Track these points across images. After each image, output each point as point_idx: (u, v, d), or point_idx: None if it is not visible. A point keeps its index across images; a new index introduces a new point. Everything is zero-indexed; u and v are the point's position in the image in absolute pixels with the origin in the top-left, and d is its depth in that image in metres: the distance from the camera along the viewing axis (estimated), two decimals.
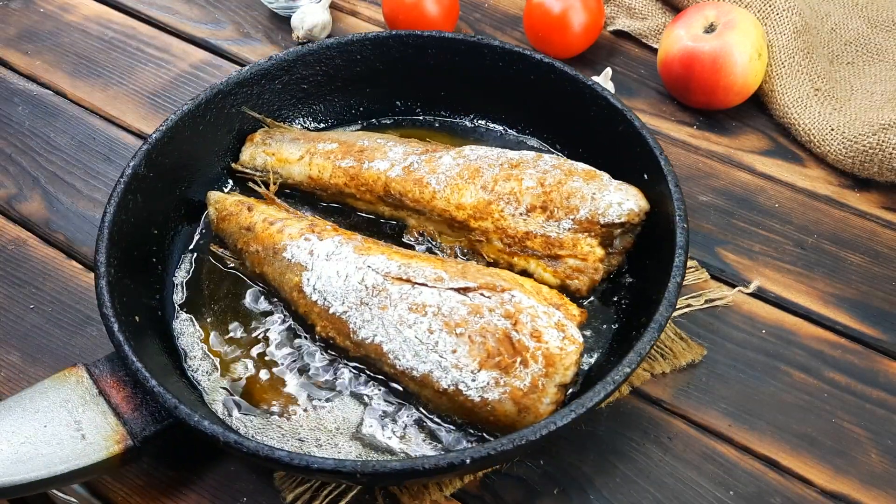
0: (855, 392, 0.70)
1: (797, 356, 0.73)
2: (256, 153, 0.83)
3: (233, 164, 0.84)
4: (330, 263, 0.68)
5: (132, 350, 0.61)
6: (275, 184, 0.81)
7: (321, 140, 0.82)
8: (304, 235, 0.71)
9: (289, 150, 0.82)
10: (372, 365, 0.67)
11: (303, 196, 0.82)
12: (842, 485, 0.65)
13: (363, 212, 0.80)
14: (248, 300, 0.74)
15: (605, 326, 0.70)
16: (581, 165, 0.74)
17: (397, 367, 0.63)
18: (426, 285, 0.64)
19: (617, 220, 0.70)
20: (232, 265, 0.76)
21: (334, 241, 0.70)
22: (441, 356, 0.61)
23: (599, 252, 0.70)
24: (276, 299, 0.73)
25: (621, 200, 0.70)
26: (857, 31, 0.98)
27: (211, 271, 0.76)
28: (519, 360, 0.60)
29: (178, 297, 0.74)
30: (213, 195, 0.79)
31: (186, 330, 0.72)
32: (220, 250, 0.77)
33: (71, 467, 0.57)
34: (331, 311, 0.67)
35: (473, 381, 0.60)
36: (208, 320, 0.72)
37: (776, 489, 0.64)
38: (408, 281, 0.65)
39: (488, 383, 0.60)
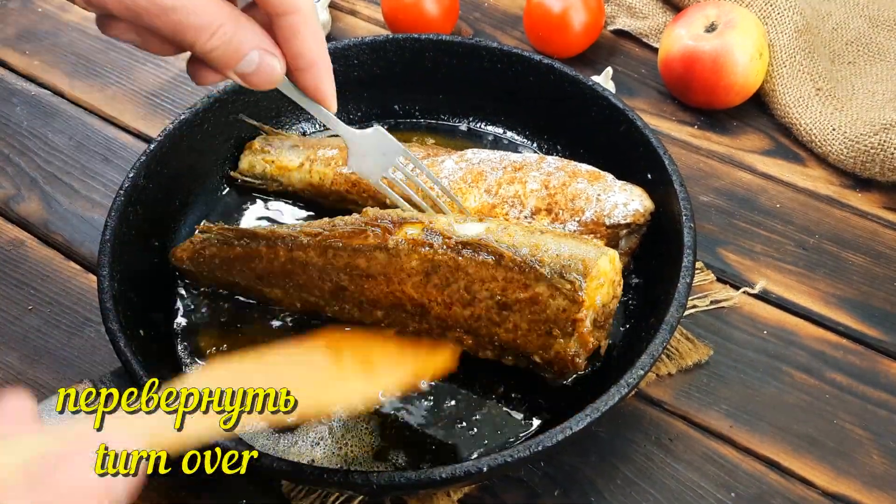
0: (856, 393, 0.70)
1: (798, 357, 0.72)
2: (255, 161, 0.82)
3: (232, 173, 0.83)
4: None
5: (140, 366, 0.60)
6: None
7: (321, 146, 0.81)
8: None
9: (288, 158, 0.81)
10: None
11: (304, 202, 0.82)
12: (843, 486, 0.65)
13: None
14: (251, 308, 0.73)
15: (613, 328, 0.70)
16: (585, 167, 0.73)
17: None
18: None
19: (622, 221, 0.69)
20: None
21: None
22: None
23: None
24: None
25: (626, 201, 0.70)
26: (858, 31, 0.98)
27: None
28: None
29: (181, 308, 0.73)
30: (177, 251, 0.74)
31: (190, 341, 0.71)
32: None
33: None
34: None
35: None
36: (211, 331, 0.72)
37: (777, 490, 0.64)
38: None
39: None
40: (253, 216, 0.81)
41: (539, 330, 0.61)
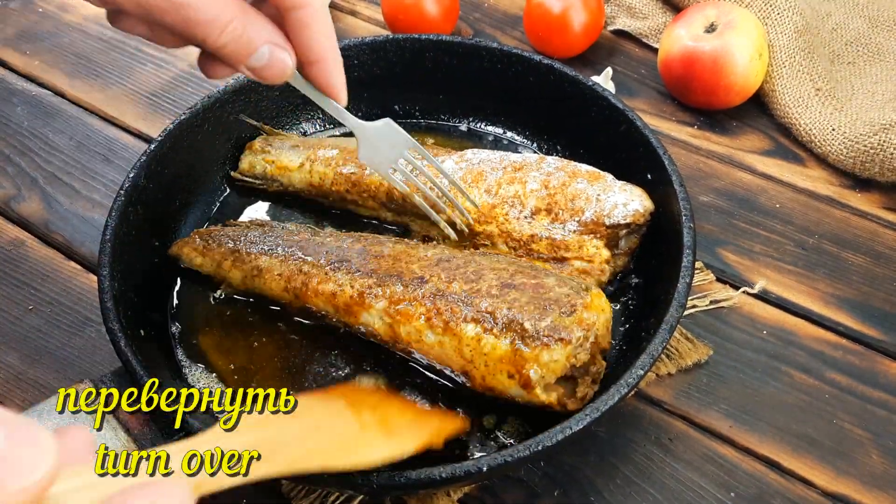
0: (856, 393, 0.70)
1: (798, 357, 0.72)
2: (256, 161, 0.82)
3: (232, 173, 0.83)
4: None
5: (140, 366, 0.60)
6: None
7: (321, 146, 0.82)
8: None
9: (288, 158, 0.81)
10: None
11: (304, 202, 0.82)
12: (843, 486, 0.65)
13: (365, 217, 0.80)
14: (251, 309, 0.73)
15: (613, 328, 0.70)
16: (585, 167, 0.73)
17: None
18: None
19: (622, 221, 0.69)
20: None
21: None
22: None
23: (605, 253, 0.70)
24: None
25: (626, 201, 0.70)
26: (858, 31, 0.98)
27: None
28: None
29: (181, 308, 0.73)
30: (176, 249, 0.75)
31: (189, 340, 0.71)
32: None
33: None
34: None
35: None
36: (211, 331, 0.72)
37: (777, 490, 0.64)
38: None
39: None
40: (253, 216, 0.81)
41: (538, 304, 0.60)
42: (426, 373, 0.66)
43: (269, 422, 0.52)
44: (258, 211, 0.82)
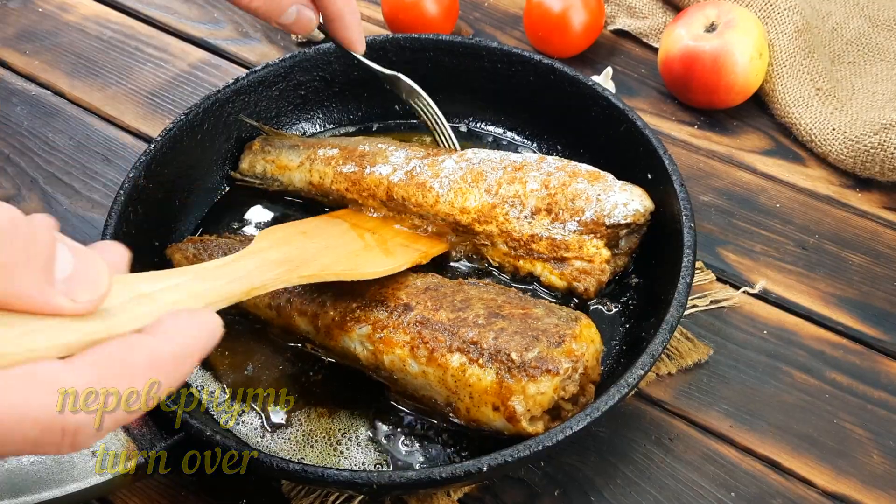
0: (856, 393, 0.70)
1: (798, 357, 0.72)
2: (256, 161, 0.82)
3: (232, 173, 0.83)
4: None
5: None
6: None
7: (321, 146, 0.82)
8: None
9: (288, 157, 0.81)
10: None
11: (305, 202, 0.82)
12: (843, 486, 0.65)
13: None
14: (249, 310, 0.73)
15: (613, 328, 0.70)
16: (585, 167, 0.73)
17: None
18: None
19: (622, 221, 0.69)
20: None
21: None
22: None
23: (605, 253, 0.70)
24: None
25: (626, 201, 0.70)
26: (858, 31, 0.98)
27: None
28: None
29: None
30: (169, 252, 0.75)
31: None
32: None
33: (83, 486, 0.55)
34: None
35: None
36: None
37: (777, 490, 0.64)
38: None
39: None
40: (253, 216, 0.81)
41: (525, 335, 0.59)
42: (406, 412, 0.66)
43: (291, 240, 0.63)
44: (259, 211, 0.82)
